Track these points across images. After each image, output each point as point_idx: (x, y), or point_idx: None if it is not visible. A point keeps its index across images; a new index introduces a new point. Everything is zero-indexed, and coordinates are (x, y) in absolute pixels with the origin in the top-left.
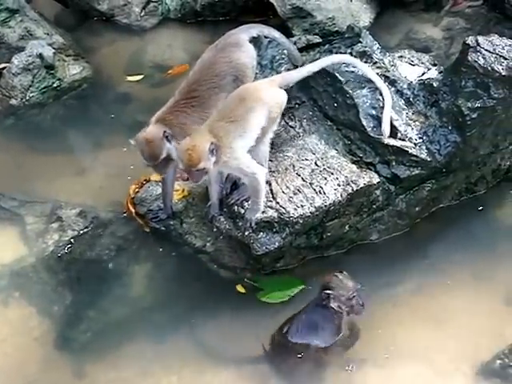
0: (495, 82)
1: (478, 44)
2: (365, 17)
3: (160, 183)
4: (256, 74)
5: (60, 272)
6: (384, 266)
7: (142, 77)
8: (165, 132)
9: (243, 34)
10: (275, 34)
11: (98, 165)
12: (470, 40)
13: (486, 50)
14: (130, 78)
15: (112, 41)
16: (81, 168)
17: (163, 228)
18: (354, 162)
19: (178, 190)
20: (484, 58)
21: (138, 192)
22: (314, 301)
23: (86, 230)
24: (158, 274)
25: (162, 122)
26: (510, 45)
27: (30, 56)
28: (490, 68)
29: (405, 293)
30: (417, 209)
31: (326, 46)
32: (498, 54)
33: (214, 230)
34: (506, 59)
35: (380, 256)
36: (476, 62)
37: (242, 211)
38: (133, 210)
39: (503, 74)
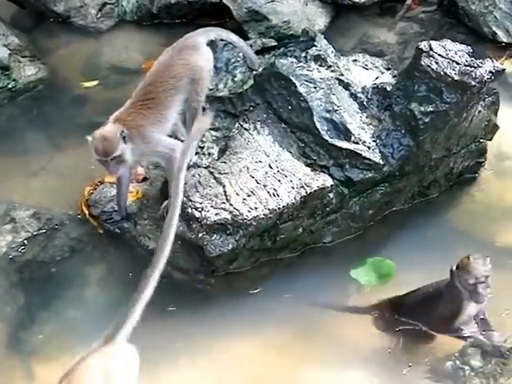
0: (448, 86)
1: (431, 49)
2: (320, 21)
3: (114, 185)
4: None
5: (13, 273)
6: (337, 268)
7: (96, 82)
8: (122, 132)
9: (201, 36)
10: (233, 37)
11: (52, 166)
12: (423, 45)
13: (439, 55)
14: (86, 84)
15: (68, 42)
16: (35, 169)
17: (117, 230)
18: (307, 165)
19: (133, 191)
20: (437, 63)
21: (92, 194)
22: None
23: (39, 231)
24: (111, 275)
25: (120, 122)
26: (462, 50)
27: None
28: (442, 73)
29: (356, 294)
30: (370, 212)
31: (281, 50)
32: (450, 59)
33: None
34: (458, 64)
35: (333, 258)
36: (429, 66)
37: (197, 214)
38: (87, 212)
39: (456, 78)
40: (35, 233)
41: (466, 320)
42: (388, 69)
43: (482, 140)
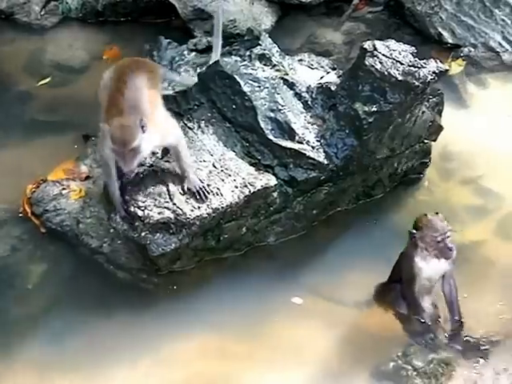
0: (392, 86)
1: (375, 49)
2: (266, 20)
3: (57, 183)
4: None
5: None
6: (281, 268)
7: (49, 79)
8: (141, 120)
9: None
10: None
11: None
12: (368, 44)
13: (383, 55)
14: (41, 82)
15: (11, 39)
16: None
17: (59, 228)
18: (251, 164)
19: (76, 190)
20: (381, 63)
21: (34, 192)
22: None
23: None
24: (53, 275)
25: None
26: (406, 50)
27: None
28: (386, 72)
29: (298, 294)
30: (314, 212)
31: (226, 48)
32: (394, 59)
33: (111, 230)
34: (402, 64)
35: (277, 258)
36: (373, 66)
37: (139, 212)
38: (29, 210)
39: (399, 78)
40: None
41: (426, 285)
42: (333, 68)
43: (426, 141)
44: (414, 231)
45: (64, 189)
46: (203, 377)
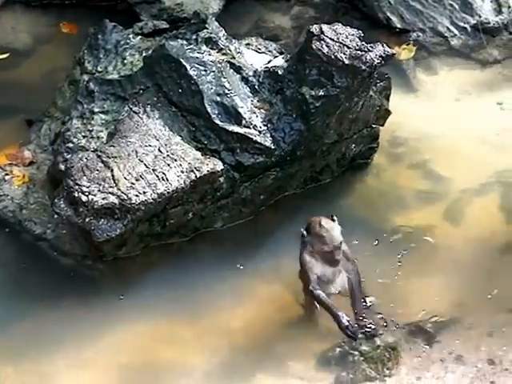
0: (338, 70)
1: (322, 32)
2: (214, 4)
3: None
4: (100, 58)
5: None
6: (228, 253)
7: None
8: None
9: None
10: None
11: None
12: (314, 28)
13: (330, 39)
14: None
15: None
16: None
17: (1, 215)
18: (198, 149)
19: (19, 175)
20: (328, 47)
21: None
22: None
23: None
24: None
25: None
26: (353, 34)
27: None
28: (333, 56)
29: (249, 279)
30: (261, 197)
31: (173, 32)
32: (341, 43)
33: (55, 216)
34: (349, 48)
35: (224, 244)
36: (320, 50)
37: (83, 198)
38: None
39: (346, 62)
40: None
41: (320, 280)
42: (281, 53)
43: (374, 125)
44: (305, 233)
45: (7, 174)
46: (150, 362)
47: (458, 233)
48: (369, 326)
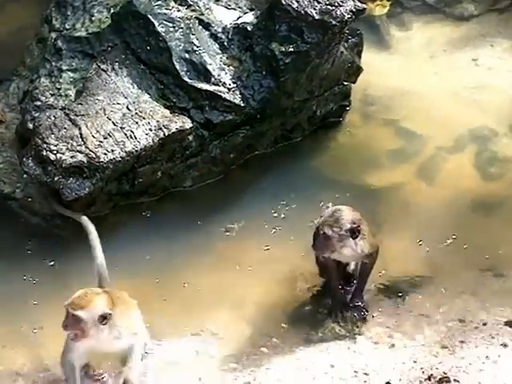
0: (309, 26)
1: None
2: None
3: None
4: (67, 15)
5: None
6: (197, 212)
7: None
8: None
9: None
10: None
11: None
12: None
13: None
14: None
15: None
16: None
17: None
18: (167, 107)
19: None
20: (297, 2)
21: None
22: None
23: None
24: None
25: None
26: None
27: None
28: (303, 12)
29: (215, 239)
30: (231, 155)
31: None
32: None
33: (24, 176)
34: (319, 3)
35: (194, 203)
36: (290, 5)
37: (52, 156)
38: None
39: (316, 17)
40: None
41: None
42: (252, 9)
43: (345, 83)
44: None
45: None
46: None
47: (431, 191)
48: (361, 309)
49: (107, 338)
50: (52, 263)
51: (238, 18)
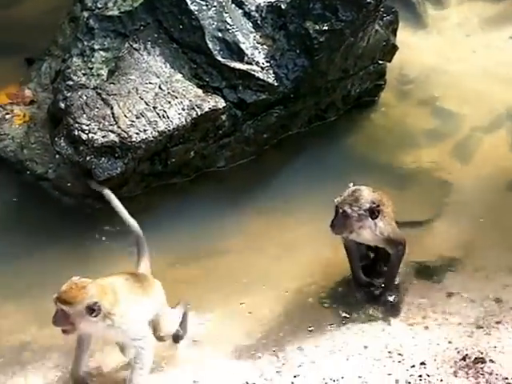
0: (343, 4)
1: None
2: None
3: (0, 108)
4: None
5: None
6: (230, 193)
7: None
8: None
9: None
10: None
11: None
12: None
13: None
14: None
15: None
16: None
17: (2, 154)
18: (200, 87)
19: (20, 114)
20: None
21: None
22: None
23: None
24: None
25: None
26: None
27: None
28: None
29: (251, 219)
30: (265, 135)
31: None
32: None
33: (56, 156)
34: None
35: (227, 183)
36: None
37: (83, 136)
38: None
39: None
40: None
41: None
42: None
43: (380, 61)
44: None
45: (7, 113)
46: None
47: (466, 171)
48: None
49: (102, 328)
50: (83, 242)
51: None
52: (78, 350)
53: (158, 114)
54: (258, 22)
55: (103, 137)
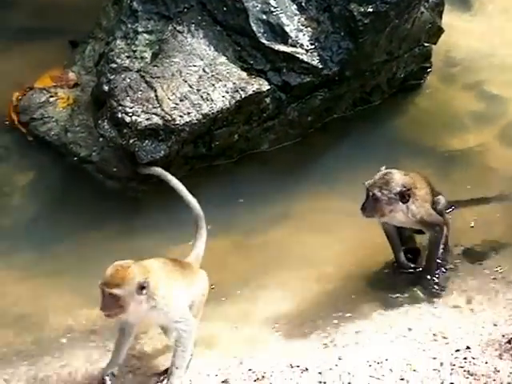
0: None
1: None
2: None
3: (44, 91)
4: None
5: None
6: (275, 175)
7: None
8: None
9: None
10: None
11: None
12: None
13: None
14: None
15: None
16: None
17: (46, 137)
18: (243, 69)
19: (63, 97)
20: None
21: (21, 100)
22: None
23: None
24: (41, 184)
25: None
26: None
27: None
28: None
29: (294, 202)
30: (309, 118)
31: None
32: None
33: (100, 139)
34: None
35: (271, 166)
36: None
37: (127, 119)
38: (15, 119)
39: None
40: None
41: None
42: None
43: (426, 44)
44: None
45: (51, 96)
46: None
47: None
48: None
49: (146, 309)
50: (127, 226)
51: None
52: (119, 341)
53: (201, 96)
54: (303, 4)
55: (147, 119)
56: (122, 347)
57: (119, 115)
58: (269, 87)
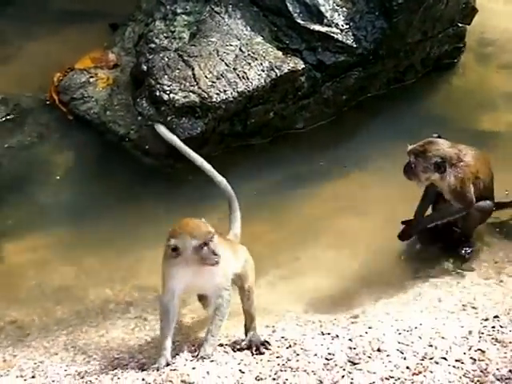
0: None
1: None
2: None
3: (84, 71)
4: None
5: None
6: (310, 154)
7: None
8: None
9: None
10: None
11: (22, 53)
12: None
13: None
14: None
15: None
16: (4, 56)
17: (86, 116)
18: (279, 49)
19: (103, 78)
20: None
21: (61, 80)
22: None
23: (7, 116)
24: (80, 161)
25: None
26: None
27: None
28: None
29: (330, 180)
30: (344, 97)
31: None
32: None
33: (138, 118)
34: None
35: (306, 144)
36: None
37: (165, 96)
38: (56, 98)
39: None
40: (3, 118)
41: None
42: None
43: (460, 24)
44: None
45: (91, 77)
46: None
47: None
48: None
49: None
50: (164, 202)
51: None
52: (165, 324)
53: (237, 74)
54: None
55: (184, 97)
56: (169, 332)
57: (157, 93)
58: (304, 66)
